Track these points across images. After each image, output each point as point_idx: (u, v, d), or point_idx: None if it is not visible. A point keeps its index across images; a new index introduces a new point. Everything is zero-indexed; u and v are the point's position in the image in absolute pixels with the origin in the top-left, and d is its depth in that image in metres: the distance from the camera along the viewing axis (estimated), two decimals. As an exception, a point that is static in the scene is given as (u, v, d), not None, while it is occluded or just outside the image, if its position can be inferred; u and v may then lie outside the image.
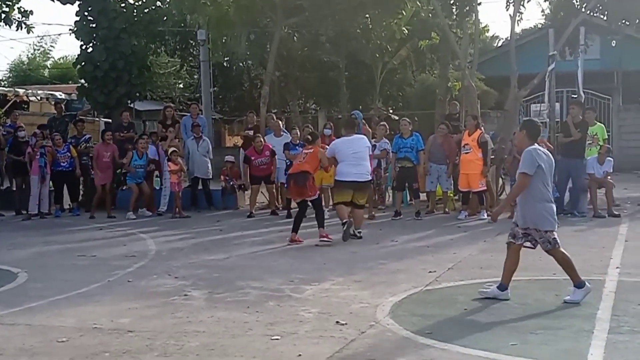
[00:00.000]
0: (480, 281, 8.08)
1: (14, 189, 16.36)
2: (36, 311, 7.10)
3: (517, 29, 20.39)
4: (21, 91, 25.27)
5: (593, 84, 23.02)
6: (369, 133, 14.80)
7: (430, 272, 8.63)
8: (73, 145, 15.90)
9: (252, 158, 14.91)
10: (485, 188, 13.92)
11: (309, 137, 12.02)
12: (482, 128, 14.26)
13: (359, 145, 11.42)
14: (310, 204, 11.34)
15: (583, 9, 17.95)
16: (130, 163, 15.18)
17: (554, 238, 7.23)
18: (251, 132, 16.19)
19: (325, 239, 10.90)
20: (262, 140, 15.08)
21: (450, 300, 7.29)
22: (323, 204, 12.59)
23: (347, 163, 11.24)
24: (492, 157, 14.36)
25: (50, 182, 15.52)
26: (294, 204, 13.20)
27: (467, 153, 13.86)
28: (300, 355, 5.47)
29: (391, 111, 29.51)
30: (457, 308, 6.92)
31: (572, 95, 18.57)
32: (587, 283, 7.16)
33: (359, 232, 11.50)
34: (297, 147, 14.78)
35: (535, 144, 7.37)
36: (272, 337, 5.95)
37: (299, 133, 15.19)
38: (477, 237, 11.59)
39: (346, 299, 7.30)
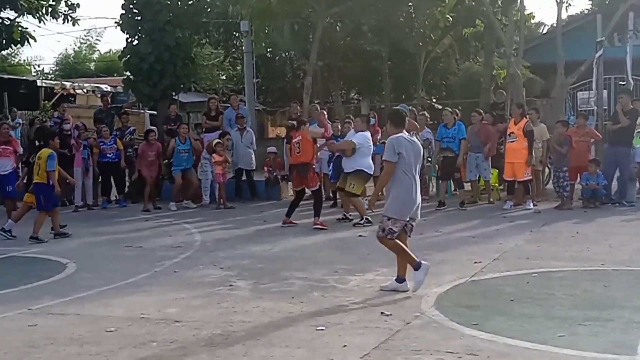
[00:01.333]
0: (526, 272, 8.02)
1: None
2: (85, 301, 7.23)
3: (564, 15, 20.01)
4: (68, 84, 25.64)
5: (642, 71, 22.54)
6: (416, 128, 14.57)
7: (475, 262, 8.57)
8: (118, 137, 16.12)
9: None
10: (531, 177, 13.75)
11: (294, 123, 12.35)
12: (535, 117, 14.04)
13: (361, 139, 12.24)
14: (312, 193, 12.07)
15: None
16: (174, 150, 15.38)
17: (390, 228, 7.19)
18: (295, 123, 16.20)
19: (320, 226, 11.59)
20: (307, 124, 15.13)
21: (496, 291, 7.23)
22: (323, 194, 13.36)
23: (370, 156, 12.24)
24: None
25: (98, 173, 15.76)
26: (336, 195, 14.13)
27: (512, 142, 13.70)
28: (345, 345, 5.48)
29: (434, 100, 29.28)
30: (503, 299, 6.86)
31: (621, 82, 18.21)
32: (422, 262, 7.23)
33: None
34: (338, 139, 14.80)
35: (404, 131, 7.39)
36: (317, 328, 5.97)
37: (340, 127, 15.20)
38: (522, 227, 11.47)
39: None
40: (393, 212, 7.22)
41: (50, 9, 19.28)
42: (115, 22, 19.10)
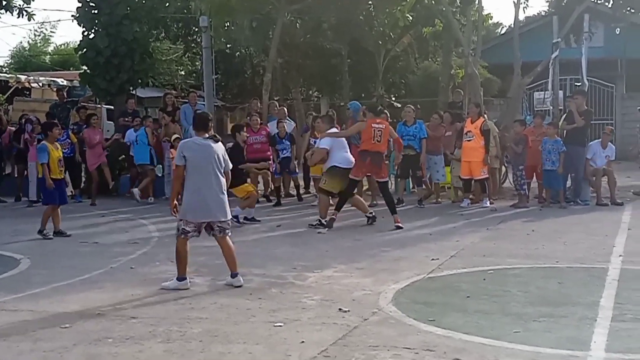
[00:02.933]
0: (482, 269, 8.11)
1: (16, 175, 16.36)
2: (39, 297, 7.13)
3: (521, 16, 20.30)
4: (23, 77, 25.23)
5: (597, 72, 22.95)
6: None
7: (432, 259, 8.65)
8: (74, 132, 15.88)
9: (247, 135, 14.75)
10: (487, 176, 13.89)
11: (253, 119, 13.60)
12: (485, 116, 14.19)
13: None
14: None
15: (587, -4, 17.86)
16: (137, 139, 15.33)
17: (183, 228, 7.43)
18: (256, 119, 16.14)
19: (399, 224, 11.25)
20: (258, 119, 15.12)
21: (452, 287, 7.31)
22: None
23: (346, 150, 11.80)
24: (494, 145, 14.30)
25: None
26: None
27: (469, 140, 13.82)
28: (303, 342, 5.49)
29: (394, 98, 29.42)
30: (459, 296, 6.93)
31: (576, 83, 18.51)
32: (187, 281, 7.37)
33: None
34: (283, 141, 14.85)
35: (205, 134, 7.59)
36: (275, 324, 5.97)
37: (285, 126, 15.24)
38: (479, 225, 11.59)
39: (349, 287, 7.32)
40: (181, 214, 7.45)
41: (4, 3, 18.91)
42: (72, 15, 18.85)
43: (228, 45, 28.85)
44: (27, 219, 12.61)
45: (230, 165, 7.74)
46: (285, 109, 17.02)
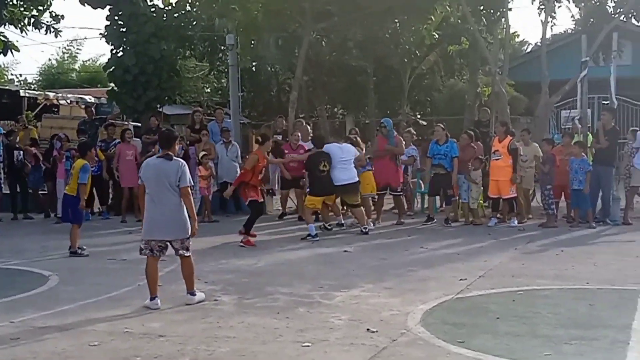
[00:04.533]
0: (511, 290, 8.04)
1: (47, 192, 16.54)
2: (68, 314, 7.18)
3: (548, 34, 20.17)
4: (51, 94, 25.51)
5: (625, 91, 22.75)
6: (401, 141, 14.65)
7: (460, 279, 8.59)
8: (101, 149, 16.02)
9: (286, 152, 14.86)
10: (515, 195, 13.81)
11: (278, 138, 13.68)
12: (513, 134, 14.10)
13: (349, 153, 12.92)
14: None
15: (616, 15, 17.76)
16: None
17: (141, 247, 7.69)
18: (280, 137, 16.21)
19: (245, 245, 11.61)
20: (299, 135, 15.20)
21: (481, 308, 7.25)
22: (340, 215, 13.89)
23: (338, 168, 12.61)
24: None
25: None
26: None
27: (497, 159, 13.75)
28: (331, 362, 5.47)
29: (419, 116, 29.39)
30: (489, 317, 6.87)
31: (604, 102, 18.37)
32: (156, 301, 7.47)
33: (365, 229, 12.73)
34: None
35: (167, 152, 7.68)
36: (303, 344, 5.96)
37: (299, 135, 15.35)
38: (507, 244, 11.51)
39: (376, 306, 7.29)
40: (142, 233, 7.72)
41: (32, 20, 19.19)
42: (100, 34, 19.08)
43: (254, 63, 29.00)
44: (55, 235, 12.72)
45: (188, 183, 7.66)
46: (309, 127, 17.03)
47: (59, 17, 19.43)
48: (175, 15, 19.35)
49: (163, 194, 7.52)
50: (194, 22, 20.35)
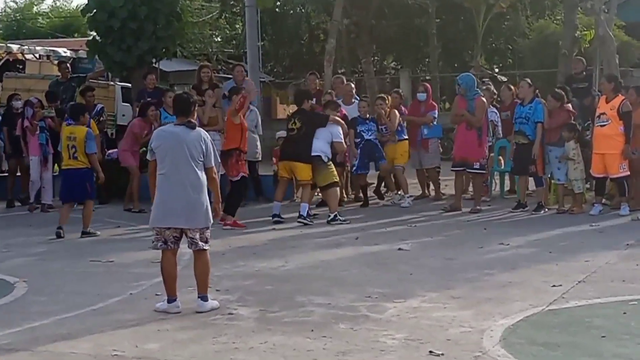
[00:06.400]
0: (622, 299, 7.98)
1: (7, 174, 16.77)
2: (39, 332, 7.26)
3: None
4: (15, 47, 25.71)
5: None
6: (483, 106, 14.38)
7: (554, 286, 8.55)
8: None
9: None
10: (628, 173, 13.64)
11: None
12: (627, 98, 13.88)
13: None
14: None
15: None
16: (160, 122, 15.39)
17: (155, 239, 8.00)
18: (313, 101, 16.17)
19: (228, 226, 12.57)
20: (332, 96, 15.30)
21: (582, 324, 7.22)
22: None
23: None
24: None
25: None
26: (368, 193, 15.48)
27: (603, 126, 13.57)
28: (383, 395, 5.49)
29: (497, 70, 29.25)
30: (592, 335, 6.84)
31: None
32: (177, 302, 7.83)
33: (335, 217, 13.30)
34: (367, 123, 14.88)
35: (185, 119, 7.93)
36: (346, 371, 5.99)
37: (367, 104, 15.39)
38: (617, 239, 11.42)
39: (442, 322, 7.29)
40: (150, 221, 8.01)
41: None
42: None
43: (278, 3, 29.06)
44: (24, 229, 12.90)
45: (216, 161, 8.07)
46: (353, 85, 17.02)
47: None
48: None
49: (182, 169, 7.74)
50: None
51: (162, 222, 7.85)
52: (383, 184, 16.05)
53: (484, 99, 14.41)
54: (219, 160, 8.40)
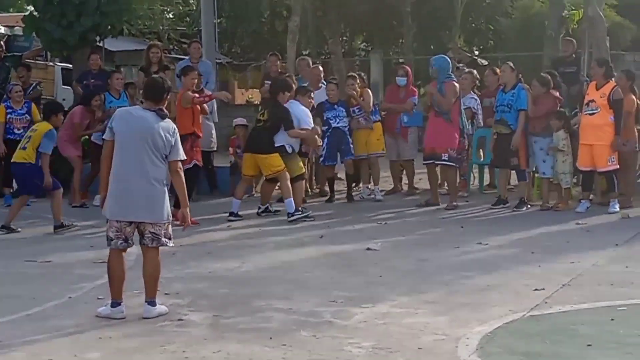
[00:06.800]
0: (610, 304, 8.05)
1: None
2: (-32, 340, 7.23)
3: None
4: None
5: None
6: (453, 92, 14.36)
7: (536, 290, 8.61)
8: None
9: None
10: (617, 166, 13.73)
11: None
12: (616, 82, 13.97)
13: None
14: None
15: None
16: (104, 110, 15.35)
17: (107, 234, 7.91)
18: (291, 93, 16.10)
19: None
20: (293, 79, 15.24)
21: (566, 331, 7.27)
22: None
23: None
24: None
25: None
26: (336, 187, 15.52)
27: (592, 114, 13.63)
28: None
29: (477, 53, 29.38)
30: (577, 343, 6.89)
31: None
32: (122, 307, 7.83)
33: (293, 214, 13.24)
34: (335, 108, 14.82)
35: (154, 106, 7.92)
36: (307, 383, 6.01)
37: (335, 87, 15.27)
38: (605, 239, 11.50)
39: (413, 328, 7.33)
40: (108, 213, 7.89)
41: None
42: None
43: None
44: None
45: (181, 157, 7.98)
46: (321, 69, 17.03)
47: None
48: None
49: (146, 158, 7.70)
50: None
51: (123, 214, 7.76)
52: (354, 185, 15.90)
53: (455, 83, 14.33)
54: (185, 157, 8.29)
